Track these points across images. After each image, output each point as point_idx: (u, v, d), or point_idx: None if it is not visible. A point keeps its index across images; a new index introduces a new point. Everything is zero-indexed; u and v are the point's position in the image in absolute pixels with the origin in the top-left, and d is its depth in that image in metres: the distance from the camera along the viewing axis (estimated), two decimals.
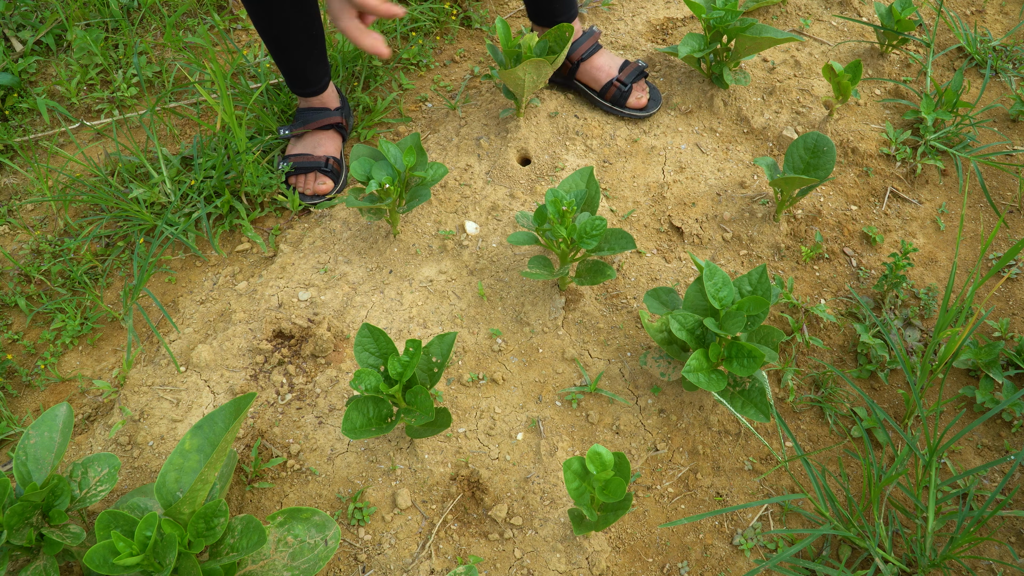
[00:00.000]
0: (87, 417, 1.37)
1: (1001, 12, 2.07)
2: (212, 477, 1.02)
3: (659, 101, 1.79)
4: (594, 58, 1.77)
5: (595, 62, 1.77)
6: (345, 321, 1.46)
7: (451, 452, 1.31)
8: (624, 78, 1.75)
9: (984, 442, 1.35)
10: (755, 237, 1.58)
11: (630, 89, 1.75)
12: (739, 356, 1.18)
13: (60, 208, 1.61)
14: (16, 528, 1.04)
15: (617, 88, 1.75)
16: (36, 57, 1.89)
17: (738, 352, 1.18)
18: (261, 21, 1.45)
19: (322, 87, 1.62)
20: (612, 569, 1.22)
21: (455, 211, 1.62)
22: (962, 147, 1.72)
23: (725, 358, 1.19)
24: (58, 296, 1.51)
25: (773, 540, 1.25)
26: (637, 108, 1.77)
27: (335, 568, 1.21)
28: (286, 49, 1.51)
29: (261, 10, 1.42)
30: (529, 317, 1.46)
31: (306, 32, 1.49)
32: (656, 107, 1.78)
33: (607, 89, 1.76)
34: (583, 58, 1.76)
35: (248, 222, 1.59)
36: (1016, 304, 1.52)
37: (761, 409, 1.20)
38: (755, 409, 1.20)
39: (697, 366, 1.18)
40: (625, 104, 1.76)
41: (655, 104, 1.78)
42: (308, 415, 1.35)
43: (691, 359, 1.18)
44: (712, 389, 1.18)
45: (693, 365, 1.18)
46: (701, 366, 1.19)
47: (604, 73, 1.76)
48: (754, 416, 1.20)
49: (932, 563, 1.15)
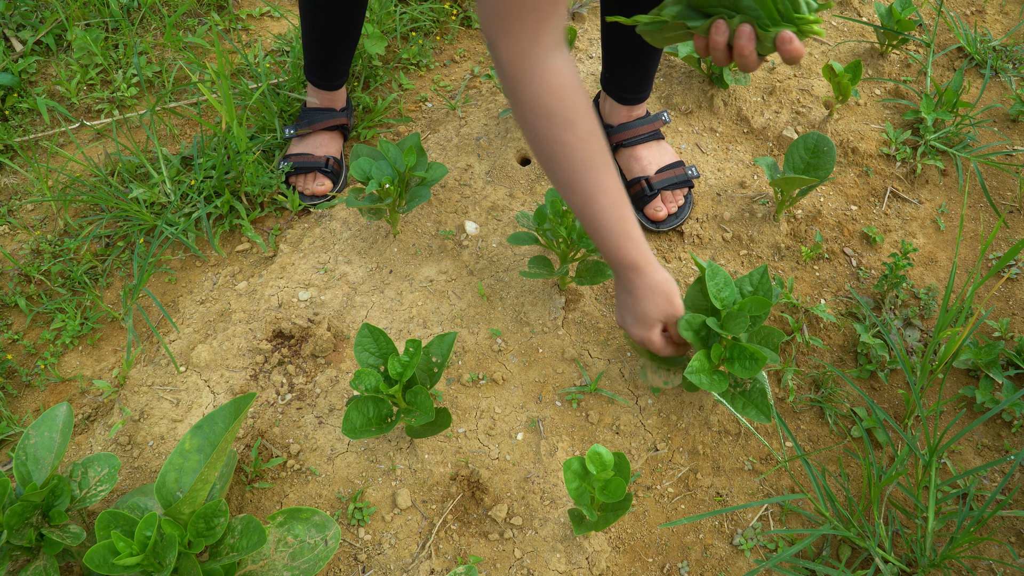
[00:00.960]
0: (87, 417, 1.37)
1: (1001, 12, 2.07)
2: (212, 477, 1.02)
3: (681, 218, 1.57)
4: (637, 148, 1.58)
5: (636, 152, 1.58)
6: (345, 321, 1.46)
7: (451, 452, 1.31)
8: (656, 182, 1.54)
9: (984, 442, 1.35)
10: (755, 237, 1.58)
11: (655, 195, 1.54)
12: (741, 358, 1.18)
13: (60, 208, 1.61)
14: (16, 528, 1.04)
15: (640, 189, 1.55)
16: (36, 57, 1.89)
17: (740, 354, 1.18)
18: (320, 8, 1.45)
19: (340, 83, 1.63)
20: (612, 569, 1.22)
21: (455, 211, 1.62)
22: (962, 147, 1.72)
23: (727, 359, 1.19)
24: (58, 296, 1.51)
25: (773, 540, 1.25)
26: (651, 219, 1.55)
27: (335, 568, 1.21)
28: (332, 40, 1.51)
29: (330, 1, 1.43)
30: (529, 317, 1.46)
31: (356, 26, 1.50)
32: (677, 223, 1.56)
33: (632, 184, 1.57)
34: (624, 144, 1.58)
35: (248, 222, 1.59)
36: (1016, 304, 1.52)
37: (762, 410, 1.20)
38: (756, 410, 1.20)
39: (699, 367, 1.18)
40: (642, 209, 1.55)
41: (675, 220, 1.56)
42: (308, 415, 1.35)
43: (693, 360, 1.18)
44: (714, 390, 1.17)
45: (695, 366, 1.18)
46: (703, 367, 1.19)
47: (640, 166, 1.57)
48: (755, 417, 1.20)
49: (932, 563, 1.15)
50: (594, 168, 1.07)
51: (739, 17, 0.99)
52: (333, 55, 1.56)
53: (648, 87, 1.57)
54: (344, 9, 1.46)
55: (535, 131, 1.06)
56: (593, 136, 1.06)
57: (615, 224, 1.10)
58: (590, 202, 1.08)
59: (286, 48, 1.91)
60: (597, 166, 1.07)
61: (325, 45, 1.53)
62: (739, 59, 1.00)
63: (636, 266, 1.14)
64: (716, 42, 1.00)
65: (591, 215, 1.10)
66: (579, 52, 1.92)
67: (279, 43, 1.93)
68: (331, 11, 1.46)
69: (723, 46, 1.01)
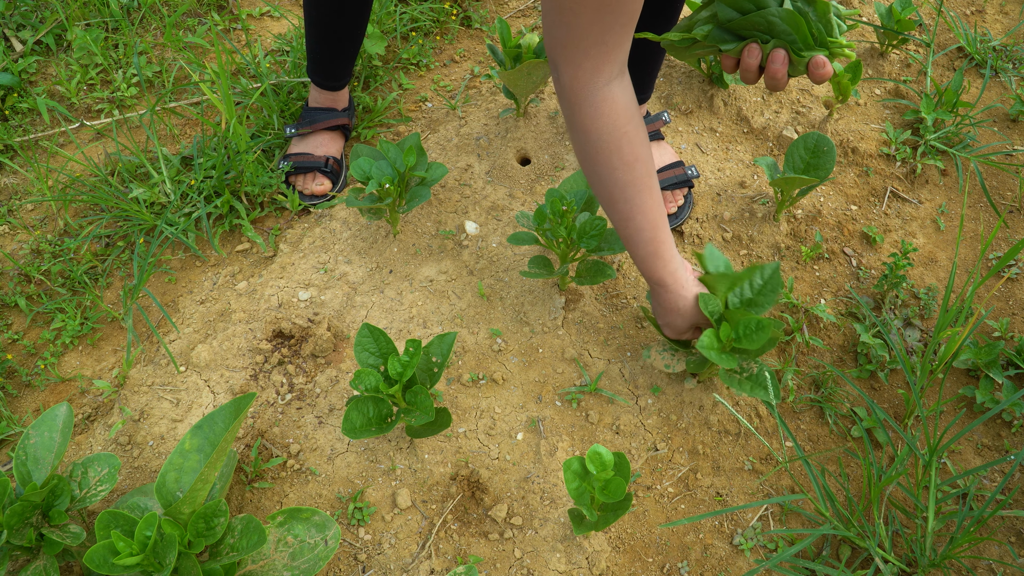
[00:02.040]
0: (87, 417, 1.37)
1: (1001, 12, 2.07)
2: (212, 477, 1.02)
3: (681, 218, 1.58)
4: None
5: None
6: (345, 321, 1.46)
7: (451, 452, 1.31)
8: None
9: (984, 442, 1.35)
10: (755, 237, 1.58)
11: None
12: (747, 333, 1.18)
13: (60, 208, 1.61)
14: (16, 528, 1.04)
15: None
16: (36, 57, 1.89)
17: (746, 328, 1.18)
18: (324, 9, 1.45)
19: (343, 84, 1.63)
20: (612, 569, 1.22)
21: (455, 211, 1.62)
22: (962, 147, 1.72)
23: (734, 338, 1.20)
24: (58, 296, 1.51)
25: (773, 540, 1.25)
26: None
27: (335, 568, 1.21)
28: (336, 40, 1.52)
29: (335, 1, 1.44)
30: (529, 317, 1.46)
31: (360, 27, 1.51)
32: (677, 223, 1.57)
33: None
34: None
35: (248, 222, 1.59)
36: (1016, 304, 1.52)
37: (770, 390, 1.20)
38: (763, 390, 1.20)
39: (709, 344, 1.19)
40: None
41: (675, 220, 1.57)
42: (308, 415, 1.35)
43: (703, 337, 1.19)
44: (724, 364, 1.18)
45: (706, 343, 1.19)
46: (712, 344, 1.20)
47: None
48: (763, 396, 1.19)
49: (932, 563, 1.15)
50: (635, 190, 1.13)
51: (774, 42, 0.99)
52: (336, 55, 1.56)
53: (650, 88, 1.58)
54: (348, 10, 1.46)
55: (584, 152, 1.12)
56: (638, 161, 1.11)
57: (647, 244, 1.17)
58: (627, 220, 1.15)
59: (286, 48, 1.91)
60: (639, 188, 1.13)
61: (328, 45, 1.53)
62: (770, 81, 1.02)
63: (663, 283, 1.21)
64: (748, 64, 1.02)
65: (626, 232, 1.17)
66: None
67: (279, 43, 1.93)
68: (335, 12, 1.46)
69: (755, 68, 1.02)
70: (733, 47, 1.02)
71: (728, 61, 1.05)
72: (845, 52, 1.00)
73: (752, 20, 0.99)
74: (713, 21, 1.04)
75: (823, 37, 0.99)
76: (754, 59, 1.01)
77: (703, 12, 1.05)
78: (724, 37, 1.03)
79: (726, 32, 1.03)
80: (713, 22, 1.04)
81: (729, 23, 1.02)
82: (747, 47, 1.01)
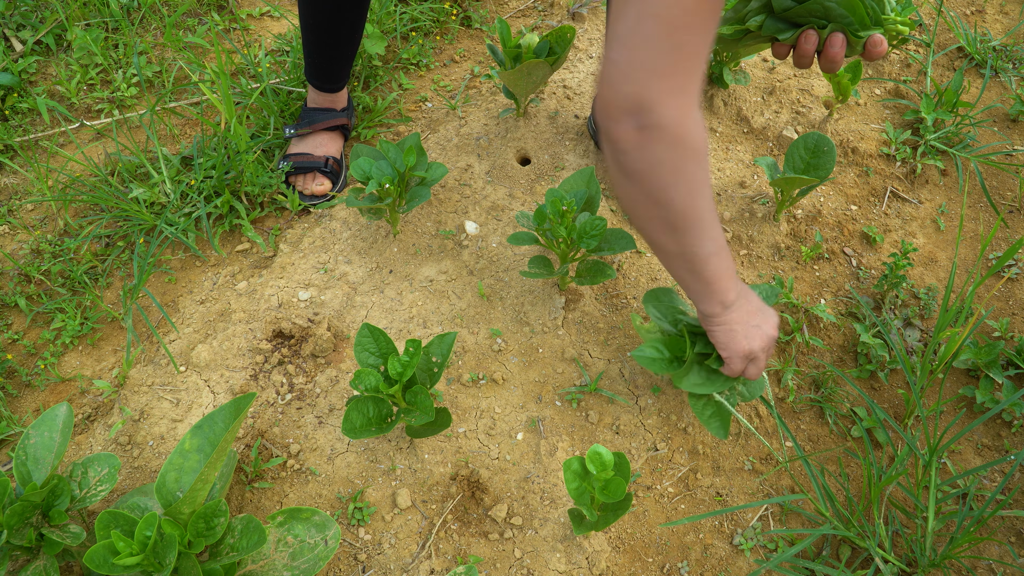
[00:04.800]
0: (87, 417, 1.37)
1: (1001, 12, 2.07)
2: (212, 477, 1.02)
3: None
4: None
5: None
6: (345, 321, 1.46)
7: (451, 452, 1.31)
8: None
9: (984, 442, 1.35)
10: (755, 237, 1.58)
11: None
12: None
13: (60, 208, 1.61)
14: (16, 528, 1.04)
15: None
16: (36, 57, 1.89)
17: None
18: (320, 14, 1.45)
19: (341, 86, 1.63)
20: (612, 569, 1.22)
21: (455, 211, 1.62)
22: (962, 147, 1.72)
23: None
24: (58, 296, 1.51)
25: (773, 540, 1.25)
26: None
27: (335, 568, 1.21)
28: (333, 45, 1.52)
29: (331, 5, 1.43)
30: (529, 317, 1.46)
31: (357, 32, 1.51)
32: None
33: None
34: None
35: (248, 222, 1.59)
36: (1016, 304, 1.52)
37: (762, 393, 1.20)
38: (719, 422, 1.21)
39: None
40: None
41: None
42: (308, 415, 1.35)
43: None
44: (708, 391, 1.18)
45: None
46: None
47: None
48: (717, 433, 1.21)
49: (932, 563, 1.15)
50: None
51: (831, 26, 1.00)
52: (334, 59, 1.56)
53: None
54: (345, 16, 1.46)
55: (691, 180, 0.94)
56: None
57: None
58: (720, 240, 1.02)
59: (286, 48, 1.91)
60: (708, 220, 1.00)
61: (326, 50, 1.53)
62: (827, 64, 1.02)
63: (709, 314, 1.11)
64: (805, 50, 1.02)
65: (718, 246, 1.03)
66: (579, 52, 1.92)
67: (279, 43, 1.93)
68: (332, 17, 1.46)
69: (811, 53, 1.03)
70: (790, 35, 1.03)
71: (781, 49, 1.05)
72: (899, 28, 1.01)
73: (808, 7, 1.00)
74: (766, 11, 1.05)
75: (878, 15, 1.00)
76: (811, 45, 1.01)
77: (753, 3, 1.06)
78: (779, 26, 1.04)
79: (780, 21, 1.04)
80: (766, 12, 1.05)
81: (785, 12, 1.02)
82: (804, 34, 1.02)
